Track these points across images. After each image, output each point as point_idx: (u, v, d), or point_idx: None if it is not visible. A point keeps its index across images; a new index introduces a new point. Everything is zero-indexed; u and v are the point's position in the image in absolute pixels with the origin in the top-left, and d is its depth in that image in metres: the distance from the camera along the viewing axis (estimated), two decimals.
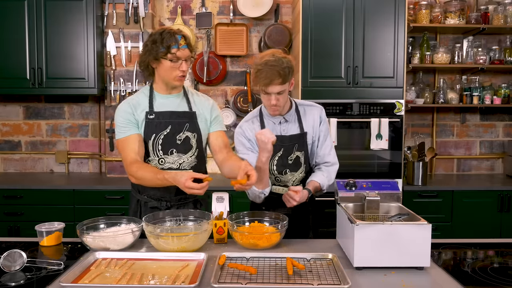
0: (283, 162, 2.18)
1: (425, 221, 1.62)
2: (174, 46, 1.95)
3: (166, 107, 2.07)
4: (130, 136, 2.03)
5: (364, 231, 1.60)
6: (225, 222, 1.94)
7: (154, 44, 1.97)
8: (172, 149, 2.05)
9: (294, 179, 2.22)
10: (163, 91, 2.09)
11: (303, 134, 2.20)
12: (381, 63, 3.45)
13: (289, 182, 2.22)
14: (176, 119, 2.06)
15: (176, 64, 1.99)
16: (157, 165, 2.07)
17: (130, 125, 2.04)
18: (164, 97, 2.09)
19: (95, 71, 3.65)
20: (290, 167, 2.19)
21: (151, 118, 2.04)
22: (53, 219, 2.12)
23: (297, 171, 2.21)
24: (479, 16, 3.75)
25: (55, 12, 3.61)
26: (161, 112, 2.05)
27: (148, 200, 2.12)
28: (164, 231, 1.84)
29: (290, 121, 2.20)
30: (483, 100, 3.88)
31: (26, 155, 4.16)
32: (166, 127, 2.04)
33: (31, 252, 1.83)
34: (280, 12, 4.00)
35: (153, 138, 2.04)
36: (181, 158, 2.07)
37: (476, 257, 1.84)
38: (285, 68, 1.99)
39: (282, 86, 2.02)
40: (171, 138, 2.05)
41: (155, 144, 2.04)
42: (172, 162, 2.07)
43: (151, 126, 2.04)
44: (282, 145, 2.17)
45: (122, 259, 1.68)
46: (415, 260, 1.62)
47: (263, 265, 1.65)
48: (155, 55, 1.97)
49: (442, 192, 3.52)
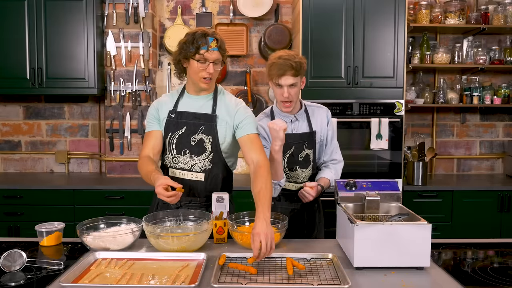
0: (294, 159, 2.25)
1: (425, 221, 1.62)
2: (203, 47, 1.95)
3: (189, 107, 2.07)
4: (151, 132, 2.10)
5: (364, 231, 1.60)
6: (225, 222, 1.94)
7: (185, 43, 1.98)
8: (186, 150, 2.04)
9: (304, 176, 2.28)
10: (192, 92, 2.10)
11: (312, 133, 2.27)
12: (381, 63, 3.45)
13: (298, 179, 2.27)
14: (192, 120, 2.04)
15: (203, 65, 1.97)
16: (171, 163, 2.08)
17: (154, 121, 2.10)
18: (191, 97, 2.10)
19: (95, 71, 3.65)
20: (300, 164, 2.26)
21: (172, 117, 2.06)
22: (53, 219, 2.12)
23: (306, 168, 2.27)
24: (479, 16, 3.75)
25: (55, 12, 3.61)
26: (182, 112, 2.06)
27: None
28: (164, 231, 1.84)
29: (300, 120, 2.27)
30: (483, 100, 3.88)
31: (26, 155, 4.16)
32: (182, 127, 2.04)
33: (31, 252, 1.83)
34: (280, 12, 4.00)
35: (169, 137, 2.06)
36: (193, 159, 2.05)
37: (476, 257, 1.84)
38: (297, 62, 2.08)
39: (294, 79, 2.10)
40: (186, 138, 2.04)
41: (170, 143, 2.07)
42: (185, 163, 2.06)
43: (170, 124, 2.06)
44: (293, 143, 2.24)
45: (122, 259, 1.68)
46: (415, 260, 1.62)
47: (263, 265, 1.65)
48: (185, 55, 1.98)
49: (442, 192, 3.52)
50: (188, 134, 2.04)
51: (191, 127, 2.04)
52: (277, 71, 2.08)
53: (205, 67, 1.97)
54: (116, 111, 3.85)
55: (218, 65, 2.01)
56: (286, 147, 2.15)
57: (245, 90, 3.99)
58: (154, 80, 3.93)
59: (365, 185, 1.93)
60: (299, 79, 2.13)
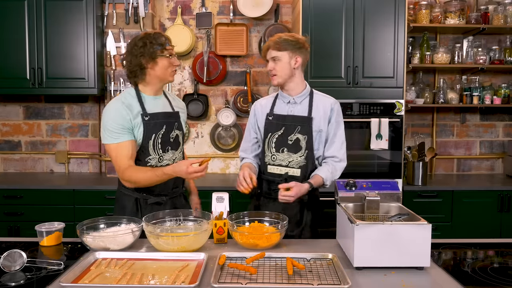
0: (283, 141, 2.26)
1: (425, 221, 1.63)
2: (167, 44, 2.12)
3: (157, 108, 2.18)
4: (124, 142, 2.06)
5: (364, 231, 1.60)
6: (225, 222, 1.94)
7: (145, 46, 2.07)
8: (168, 147, 2.19)
9: (291, 160, 2.25)
10: (153, 93, 2.18)
11: (309, 118, 2.25)
12: (381, 63, 3.45)
13: (284, 162, 2.26)
14: (167, 119, 2.19)
15: (172, 60, 2.13)
16: (157, 163, 2.15)
17: (123, 131, 2.06)
18: (153, 98, 2.18)
19: (95, 71, 3.65)
20: (288, 147, 2.25)
21: (147, 119, 2.11)
22: (53, 219, 2.12)
23: (295, 153, 2.25)
24: (479, 16, 3.75)
25: (55, 12, 3.61)
26: (155, 113, 2.15)
27: (147, 197, 2.16)
28: (164, 231, 1.84)
29: (298, 103, 2.30)
30: (483, 100, 3.88)
31: (26, 155, 4.16)
32: (162, 127, 2.15)
33: (31, 252, 1.83)
34: (280, 12, 4.00)
35: (154, 138, 2.13)
36: (174, 154, 2.22)
37: (476, 257, 1.84)
38: (282, 39, 2.22)
39: (277, 53, 2.22)
40: (166, 136, 2.17)
41: (155, 143, 2.13)
42: (169, 159, 2.20)
43: (149, 126, 2.11)
44: (284, 124, 2.26)
45: (122, 259, 1.69)
46: (415, 260, 1.62)
47: (263, 265, 1.65)
48: (151, 55, 2.07)
49: (442, 192, 3.52)
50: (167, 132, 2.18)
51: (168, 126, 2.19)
52: (265, 48, 2.27)
53: (173, 61, 2.15)
54: None
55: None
56: (276, 127, 2.28)
57: (245, 90, 3.99)
58: None
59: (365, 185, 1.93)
60: (285, 54, 2.22)
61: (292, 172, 2.25)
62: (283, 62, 2.23)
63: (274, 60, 2.24)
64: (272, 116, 2.31)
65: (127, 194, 2.19)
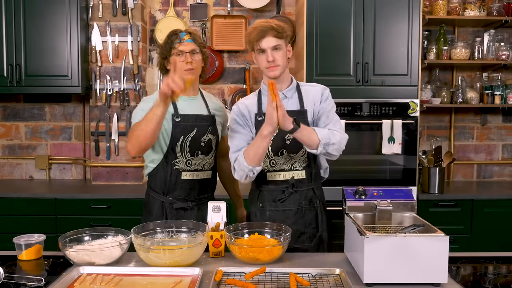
0: (280, 141, 2.18)
1: (442, 233, 1.63)
2: (177, 41, 2.25)
3: (191, 110, 2.30)
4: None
5: (375, 244, 1.60)
6: (222, 234, 1.94)
7: (163, 46, 2.30)
8: (198, 151, 2.29)
9: (294, 162, 2.20)
10: (186, 93, 2.24)
11: (303, 112, 2.21)
12: (394, 59, 3.46)
13: (286, 165, 2.20)
14: (200, 122, 2.30)
15: (181, 57, 2.23)
16: (184, 167, 2.28)
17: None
18: (188, 98, 2.32)
19: (79, 68, 3.66)
20: (287, 148, 2.19)
21: (178, 120, 2.26)
22: (32, 230, 2.12)
23: (296, 152, 2.20)
24: (501, 8, 3.77)
25: (34, 3, 3.62)
26: (187, 115, 2.28)
27: (173, 201, 2.30)
28: (155, 243, 1.85)
29: (289, 97, 2.24)
30: (506, 99, 3.89)
31: (3, 160, 4.17)
32: (192, 130, 2.27)
33: (8, 267, 1.83)
34: (283, 3, 4.02)
35: (182, 140, 2.26)
36: (204, 159, 2.33)
37: (498, 272, 1.85)
38: (278, 25, 2.13)
39: (278, 40, 2.12)
40: (197, 140, 2.28)
41: (183, 146, 2.26)
42: (198, 164, 2.31)
43: (179, 128, 2.26)
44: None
45: (109, 274, 1.69)
46: (431, 276, 1.62)
47: (263, 281, 1.65)
48: (164, 55, 2.29)
49: (460, 201, 3.52)
50: (199, 135, 2.29)
51: (200, 129, 2.29)
52: (256, 36, 2.11)
53: (183, 58, 2.23)
54: (102, 112, 3.86)
55: (196, 55, 2.28)
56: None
57: (244, 88, 4.00)
58: (143, 78, 3.94)
59: (376, 193, 1.93)
60: (283, 42, 2.14)
61: (298, 175, 2.21)
62: (283, 51, 2.16)
63: (276, 49, 2.13)
64: (263, 115, 2.20)
65: (154, 198, 2.33)
